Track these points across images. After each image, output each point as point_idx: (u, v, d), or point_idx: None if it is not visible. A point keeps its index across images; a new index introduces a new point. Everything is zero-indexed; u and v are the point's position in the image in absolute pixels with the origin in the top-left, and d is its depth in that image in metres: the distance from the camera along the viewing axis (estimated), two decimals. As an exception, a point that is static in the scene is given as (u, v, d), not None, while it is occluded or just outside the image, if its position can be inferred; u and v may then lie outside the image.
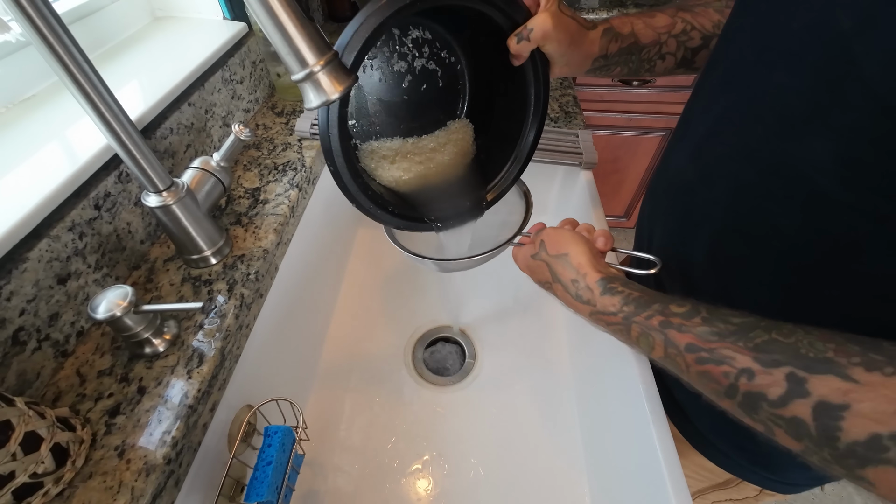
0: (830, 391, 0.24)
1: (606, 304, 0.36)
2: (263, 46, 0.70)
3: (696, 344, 0.30)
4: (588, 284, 0.38)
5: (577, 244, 0.40)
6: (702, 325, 0.30)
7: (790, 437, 0.25)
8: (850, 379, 0.23)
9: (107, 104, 0.35)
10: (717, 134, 0.40)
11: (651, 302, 0.34)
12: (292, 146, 0.66)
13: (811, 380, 0.24)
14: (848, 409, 0.23)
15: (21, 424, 0.29)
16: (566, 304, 0.41)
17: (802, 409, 0.24)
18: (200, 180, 0.48)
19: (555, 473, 0.60)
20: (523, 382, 0.68)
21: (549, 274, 0.42)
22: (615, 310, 0.35)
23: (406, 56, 0.46)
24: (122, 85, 0.53)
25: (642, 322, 0.33)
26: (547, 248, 0.42)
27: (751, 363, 0.27)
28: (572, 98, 0.80)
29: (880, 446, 0.22)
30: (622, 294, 0.36)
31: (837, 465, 0.24)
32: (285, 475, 0.44)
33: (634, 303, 0.34)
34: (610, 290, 0.36)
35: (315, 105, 0.32)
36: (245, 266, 0.49)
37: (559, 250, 0.41)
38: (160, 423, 0.37)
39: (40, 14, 0.30)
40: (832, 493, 1.23)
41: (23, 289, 0.36)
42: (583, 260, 0.39)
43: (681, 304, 0.32)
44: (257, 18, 0.29)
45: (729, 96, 0.38)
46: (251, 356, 0.49)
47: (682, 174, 0.45)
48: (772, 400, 0.26)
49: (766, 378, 0.26)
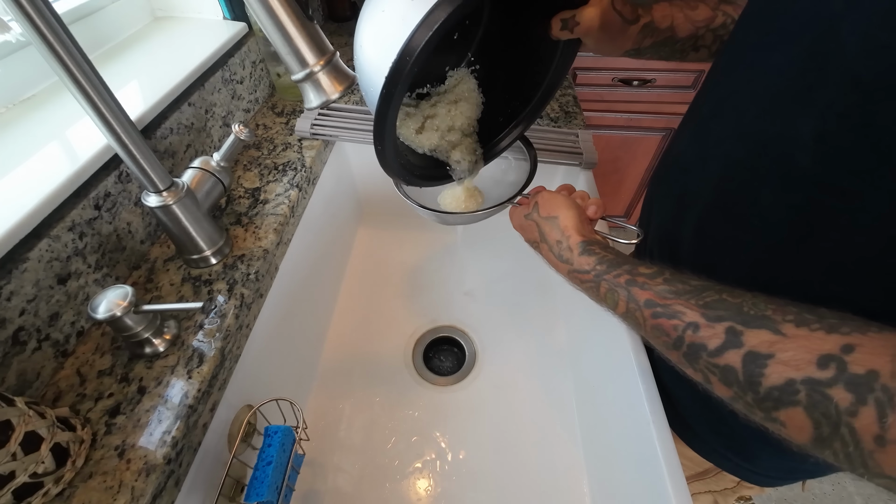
0: (760, 342, 0.26)
1: (582, 263, 0.39)
2: (263, 46, 0.70)
3: (653, 300, 0.32)
4: (570, 245, 0.40)
5: (568, 208, 0.42)
6: (662, 285, 0.33)
7: (722, 384, 0.28)
8: (780, 332, 0.26)
9: (107, 104, 0.35)
10: (717, 114, 0.41)
11: (622, 263, 0.36)
12: (292, 146, 0.66)
13: (746, 332, 0.27)
14: (772, 357, 0.25)
15: (21, 424, 0.29)
16: (549, 263, 0.43)
17: (734, 357, 0.27)
18: (200, 180, 0.48)
19: (555, 473, 0.60)
20: (523, 382, 0.68)
21: (538, 234, 0.44)
22: (588, 268, 0.38)
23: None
24: (122, 85, 0.53)
25: (610, 280, 0.36)
26: (539, 209, 0.44)
27: (698, 318, 0.29)
28: (572, 98, 0.80)
29: (793, 390, 0.24)
30: (598, 255, 0.38)
31: (758, 409, 0.26)
32: (285, 475, 0.44)
33: (607, 263, 0.37)
34: (588, 251, 0.39)
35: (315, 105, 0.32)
36: (245, 266, 0.49)
37: (550, 212, 0.43)
38: (160, 422, 0.37)
39: (40, 14, 0.29)
40: (832, 493, 1.23)
41: (23, 289, 0.36)
42: (570, 223, 0.41)
43: (648, 266, 0.35)
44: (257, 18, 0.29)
45: (732, 77, 0.40)
46: (251, 356, 0.49)
47: (681, 155, 0.47)
48: (710, 350, 0.28)
49: (708, 331, 0.29)
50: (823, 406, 0.23)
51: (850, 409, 0.22)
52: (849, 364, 0.23)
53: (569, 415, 0.65)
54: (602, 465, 0.56)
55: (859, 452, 0.22)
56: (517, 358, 0.71)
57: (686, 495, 0.39)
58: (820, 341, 0.24)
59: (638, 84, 1.24)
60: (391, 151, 0.41)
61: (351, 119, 0.70)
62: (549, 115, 0.76)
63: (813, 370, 0.24)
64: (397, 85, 0.34)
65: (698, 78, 1.21)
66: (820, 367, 0.23)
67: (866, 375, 0.22)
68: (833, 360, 0.23)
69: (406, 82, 0.34)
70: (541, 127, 0.73)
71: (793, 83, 0.33)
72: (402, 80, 0.34)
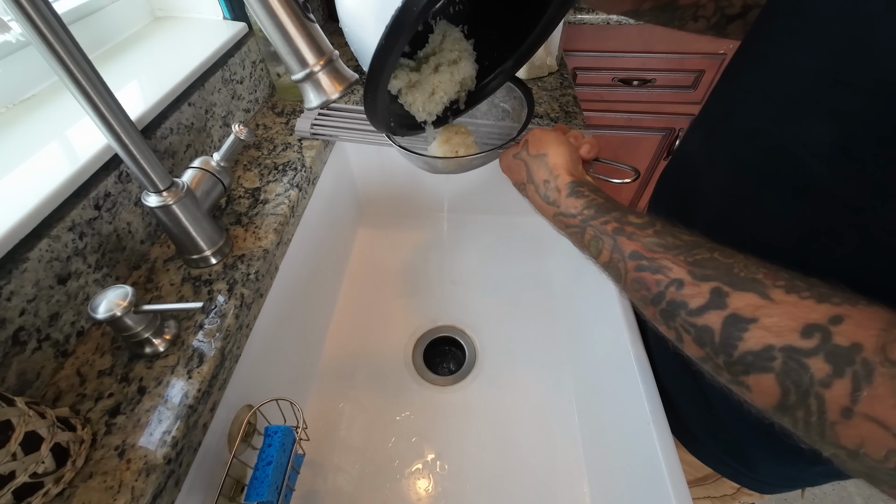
0: (745, 305, 0.25)
1: (569, 206, 0.36)
2: (263, 46, 0.70)
3: (639, 252, 0.31)
4: (557, 185, 0.38)
5: (558, 145, 0.40)
6: (651, 237, 0.31)
7: (695, 344, 0.27)
8: (767, 297, 0.25)
9: (107, 104, 0.35)
10: (730, 115, 0.40)
11: (612, 209, 0.34)
12: (292, 146, 0.66)
13: (732, 294, 0.26)
14: (755, 321, 0.24)
15: (21, 424, 0.29)
16: (534, 206, 0.41)
17: (715, 318, 0.26)
18: (200, 180, 0.48)
19: (555, 473, 0.60)
20: (523, 382, 0.68)
21: (525, 174, 0.42)
22: (575, 212, 0.36)
23: None
24: (122, 85, 0.53)
25: (597, 226, 0.34)
26: (529, 147, 0.42)
27: (684, 275, 0.28)
28: (572, 98, 0.80)
29: (769, 356, 0.23)
30: (587, 198, 0.36)
31: (726, 371, 0.26)
32: (285, 475, 0.44)
33: (595, 207, 0.35)
34: (576, 192, 0.36)
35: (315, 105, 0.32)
36: (245, 266, 0.49)
37: (539, 150, 0.41)
38: (160, 422, 0.37)
39: (40, 14, 0.29)
40: (832, 493, 1.23)
41: (23, 289, 0.36)
42: (559, 161, 0.39)
43: (640, 216, 0.33)
44: (257, 18, 0.29)
45: (748, 76, 0.38)
46: (251, 356, 0.49)
47: (693, 155, 0.45)
48: (691, 309, 0.27)
49: (692, 289, 0.27)
50: (796, 375, 0.23)
51: (825, 380, 0.22)
52: (833, 335, 0.22)
53: (569, 415, 0.65)
54: (602, 465, 0.56)
55: (821, 422, 0.22)
56: (517, 358, 0.71)
57: (686, 495, 0.39)
58: (808, 310, 0.24)
59: (638, 84, 1.24)
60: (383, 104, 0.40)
61: (351, 119, 0.70)
62: (549, 115, 0.76)
63: (795, 338, 0.23)
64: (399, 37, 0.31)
65: (698, 78, 1.21)
66: (803, 336, 0.23)
67: (849, 348, 0.22)
68: (818, 330, 0.23)
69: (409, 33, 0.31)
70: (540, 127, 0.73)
71: (812, 87, 0.31)
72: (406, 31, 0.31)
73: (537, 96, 0.80)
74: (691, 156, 0.45)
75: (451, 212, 0.89)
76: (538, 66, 0.83)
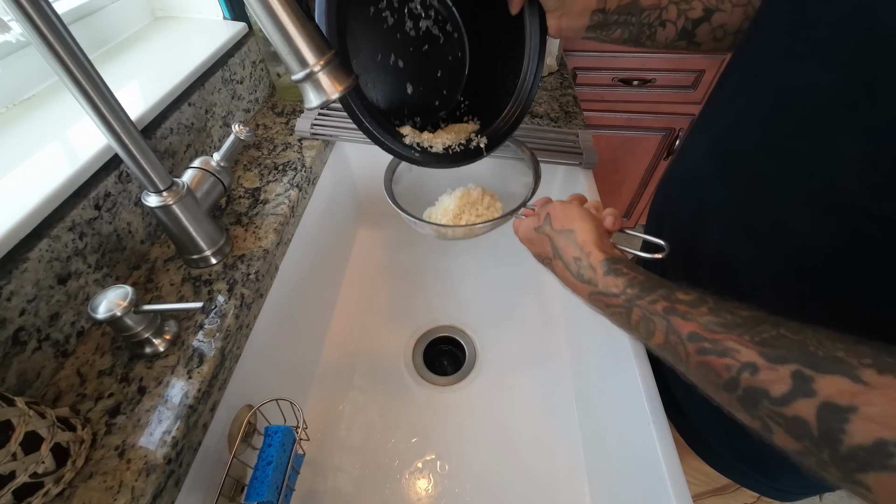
0: (838, 392, 0.22)
1: (609, 285, 0.35)
2: (263, 46, 0.70)
3: (699, 333, 0.28)
4: (591, 263, 0.36)
5: (585, 221, 0.39)
6: (708, 315, 0.29)
7: (789, 437, 0.24)
8: (860, 381, 0.22)
9: (107, 104, 0.35)
10: (739, 127, 0.39)
11: (656, 287, 0.32)
12: (292, 146, 0.66)
13: (818, 379, 0.23)
14: (855, 411, 0.22)
15: (21, 424, 0.29)
16: (564, 282, 0.40)
17: (806, 408, 0.23)
18: (200, 180, 0.48)
19: (555, 473, 0.60)
20: (523, 382, 0.68)
21: (550, 249, 0.41)
22: (618, 291, 0.34)
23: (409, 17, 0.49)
24: (123, 85, 0.53)
25: (645, 306, 0.32)
26: (552, 222, 0.41)
27: (756, 357, 0.26)
28: (572, 98, 0.80)
29: (885, 452, 0.21)
30: (626, 276, 0.34)
31: (835, 468, 0.23)
32: (285, 475, 0.44)
33: (639, 286, 0.33)
34: (614, 271, 0.35)
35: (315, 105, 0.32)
36: (245, 266, 0.49)
37: (565, 225, 0.40)
38: (160, 422, 0.37)
39: (40, 14, 0.29)
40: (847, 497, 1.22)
41: (23, 289, 0.36)
42: (588, 238, 0.38)
43: (687, 291, 0.31)
44: (257, 18, 0.29)
45: (754, 89, 0.37)
46: (251, 356, 0.49)
47: (698, 166, 0.44)
48: (774, 397, 0.24)
49: (770, 374, 0.25)
50: None
51: None
52: None
53: (569, 415, 0.65)
54: (602, 465, 0.56)
55: None
56: (517, 358, 0.71)
57: (686, 496, 0.39)
58: None
59: (638, 84, 1.24)
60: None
61: (351, 119, 0.70)
62: (550, 115, 0.76)
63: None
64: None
65: (698, 78, 1.21)
66: None
67: None
68: None
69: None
70: (540, 127, 0.73)
71: (833, 101, 0.30)
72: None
73: (537, 96, 0.80)
74: (698, 169, 0.44)
75: (451, 212, 0.89)
76: (538, 66, 0.83)
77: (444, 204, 0.58)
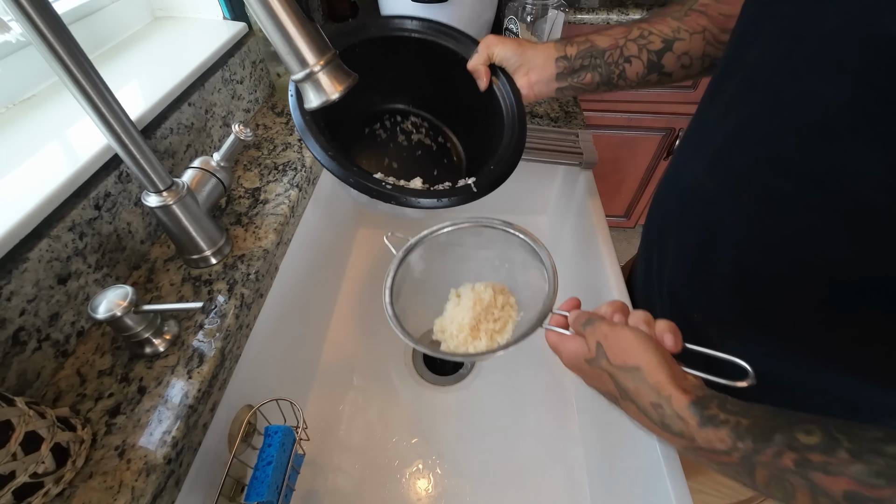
0: None
1: (711, 440, 0.29)
2: (263, 46, 0.70)
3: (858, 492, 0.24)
4: (678, 412, 0.31)
5: (648, 352, 0.33)
6: (854, 463, 0.24)
7: None
8: None
9: (107, 104, 0.35)
10: (739, 143, 0.37)
11: (770, 431, 0.28)
12: (292, 146, 0.66)
13: None
14: None
15: (21, 424, 0.29)
16: (644, 427, 0.34)
17: None
18: (200, 180, 0.48)
19: (555, 473, 0.60)
20: (523, 382, 0.68)
21: (613, 388, 0.35)
22: (726, 447, 0.29)
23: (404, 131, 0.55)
24: (122, 85, 0.53)
25: (770, 463, 0.27)
26: (608, 355, 0.34)
27: None
28: (572, 98, 0.80)
29: None
30: (728, 424, 0.29)
31: None
32: (285, 475, 0.44)
33: (749, 436, 0.28)
34: (709, 419, 0.29)
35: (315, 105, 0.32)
36: (245, 266, 0.49)
37: (626, 361, 0.33)
38: (160, 422, 0.37)
39: (40, 14, 0.29)
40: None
41: (23, 289, 0.36)
42: (661, 376, 0.32)
43: (806, 429, 0.27)
44: (257, 18, 0.29)
45: (750, 104, 0.36)
46: (251, 356, 0.49)
47: (699, 185, 0.42)
48: None
49: None
50: None
51: None
52: None
53: (569, 415, 0.65)
54: (602, 465, 0.56)
55: None
56: (517, 358, 0.71)
57: (686, 495, 0.39)
58: None
59: (638, 84, 1.24)
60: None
61: (351, 119, 0.70)
62: (550, 115, 0.76)
63: None
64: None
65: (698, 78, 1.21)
66: None
67: None
68: None
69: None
70: (540, 127, 0.73)
71: (845, 112, 0.28)
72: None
73: (537, 96, 0.80)
74: (697, 183, 0.42)
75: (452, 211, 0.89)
76: (538, 66, 0.83)
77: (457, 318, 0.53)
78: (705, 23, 0.46)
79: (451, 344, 0.51)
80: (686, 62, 0.48)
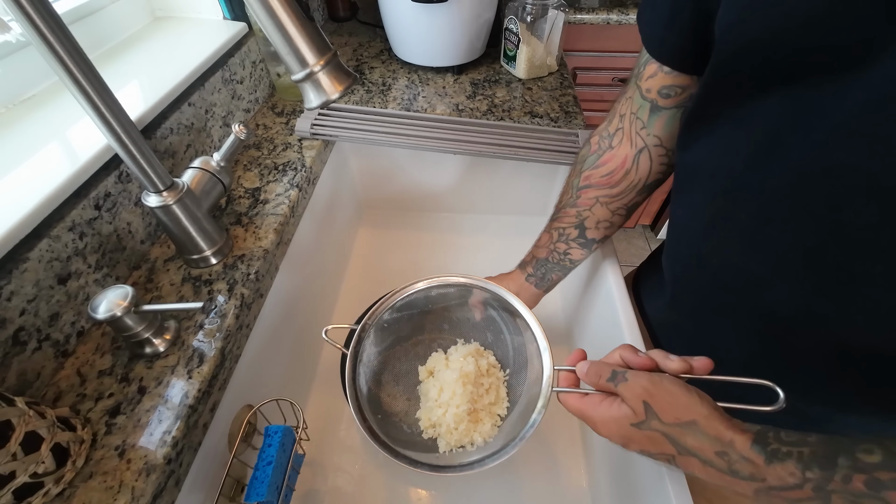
0: None
1: (782, 476, 0.29)
2: (263, 46, 0.70)
3: None
4: (743, 455, 0.30)
5: (698, 403, 0.32)
6: None
7: None
8: None
9: (107, 104, 0.35)
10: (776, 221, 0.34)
11: (832, 456, 0.27)
12: (292, 146, 0.66)
13: None
14: None
15: (21, 424, 0.29)
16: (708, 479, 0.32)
17: None
18: (200, 180, 0.48)
19: (555, 473, 0.60)
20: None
21: (671, 447, 0.33)
22: (797, 481, 0.28)
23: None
24: (122, 85, 0.53)
25: (843, 490, 0.27)
26: (660, 415, 0.32)
27: None
28: (572, 98, 0.80)
29: None
30: (792, 456, 0.28)
31: None
32: (285, 475, 0.44)
33: (815, 463, 0.28)
34: (774, 454, 0.29)
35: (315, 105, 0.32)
36: (245, 266, 0.49)
37: (680, 417, 0.32)
38: (160, 422, 0.37)
39: (40, 14, 0.30)
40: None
41: (23, 289, 0.36)
42: (718, 424, 0.31)
43: (867, 448, 0.27)
44: (257, 18, 0.29)
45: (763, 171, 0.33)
46: (251, 356, 0.49)
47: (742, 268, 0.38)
48: None
49: None
50: None
51: None
52: None
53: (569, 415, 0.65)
54: (602, 464, 0.56)
55: None
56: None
57: (686, 494, 0.39)
58: None
59: (638, 84, 1.24)
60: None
61: (351, 119, 0.70)
62: (550, 115, 0.76)
63: None
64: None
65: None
66: None
67: None
68: None
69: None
70: (540, 127, 0.73)
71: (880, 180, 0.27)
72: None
73: (537, 96, 0.80)
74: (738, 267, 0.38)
75: (452, 211, 0.89)
76: (538, 65, 0.83)
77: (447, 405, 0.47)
78: (594, 193, 0.50)
79: (451, 439, 0.46)
80: (605, 224, 0.51)
